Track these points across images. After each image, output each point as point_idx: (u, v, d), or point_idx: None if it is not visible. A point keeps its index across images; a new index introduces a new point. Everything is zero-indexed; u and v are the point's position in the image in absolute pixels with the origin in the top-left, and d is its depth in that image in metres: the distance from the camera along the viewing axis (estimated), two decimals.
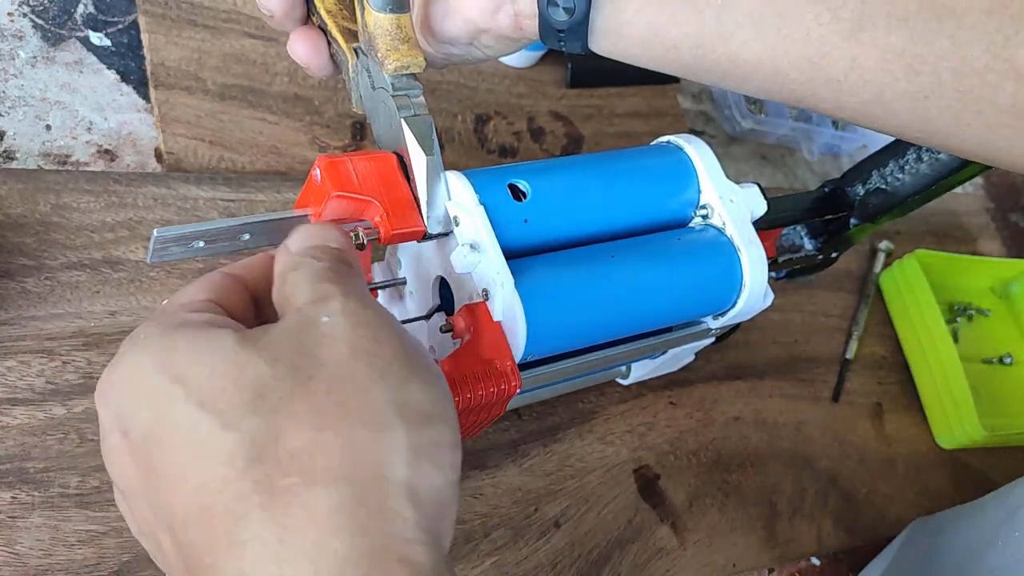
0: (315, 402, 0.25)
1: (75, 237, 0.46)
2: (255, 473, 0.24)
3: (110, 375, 0.27)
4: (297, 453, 0.24)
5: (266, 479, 0.23)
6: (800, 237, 0.56)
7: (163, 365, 0.26)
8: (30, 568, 0.38)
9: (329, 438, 0.24)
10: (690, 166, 0.45)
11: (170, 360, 0.26)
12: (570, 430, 0.54)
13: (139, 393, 0.26)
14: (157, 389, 0.25)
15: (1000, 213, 0.96)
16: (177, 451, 0.25)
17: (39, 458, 0.40)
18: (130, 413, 0.26)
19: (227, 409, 0.24)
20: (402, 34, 0.37)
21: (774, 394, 0.64)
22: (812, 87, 0.36)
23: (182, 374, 0.25)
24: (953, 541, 0.53)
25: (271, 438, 0.24)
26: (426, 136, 0.37)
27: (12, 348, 0.42)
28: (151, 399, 0.25)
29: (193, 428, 0.24)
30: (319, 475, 0.24)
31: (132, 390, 0.26)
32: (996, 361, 0.78)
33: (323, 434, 0.24)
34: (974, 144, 0.36)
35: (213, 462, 0.24)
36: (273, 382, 0.25)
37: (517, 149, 0.65)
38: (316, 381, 0.25)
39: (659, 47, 0.38)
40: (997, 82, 0.33)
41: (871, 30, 0.34)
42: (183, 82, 0.54)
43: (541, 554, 0.49)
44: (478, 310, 0.37)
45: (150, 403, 0.25)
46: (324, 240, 0.31)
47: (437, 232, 0.38)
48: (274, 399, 0.25)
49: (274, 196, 0.52)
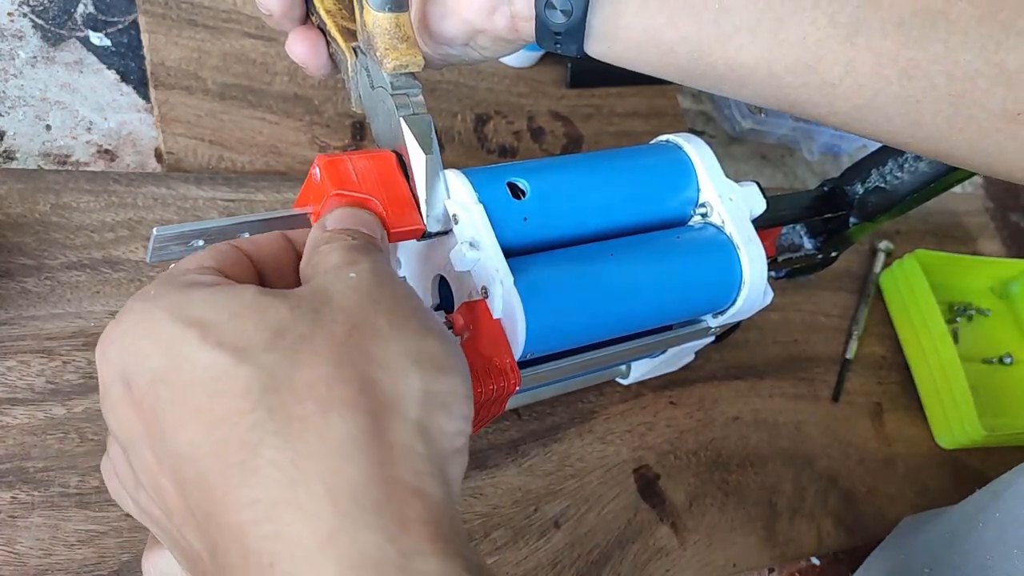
0: (334, 342, 0.25)
1: (75, 237, 0.46)
2: (270, 401, 0.24)
3: (114, 328, 0.27)
4: (314, 383, 0.24)
5: (281, 407, 0.24)
6: (800, 236, 0.56)
7: (178, 313, 0.26)
8: (30, 568, 0.38)
9: (347, 373, 0.25)
10: (689, 164, 0.45)
11: (186, 309, 0.26)
12: (570, 430, 0.54)
13: (149, 340, 0.26)
14: (171, 335, 0.25)
15: (1000, 213, 0.96)
16: (190, 391, 0.25)
17: (39, 458, 0.40)
18: (138, 362, 0.26)
19: (246, 347, 0.25)
20: (401, 33, 0.37)
21: (774, 394, 0.64)
22: (807, 91, 0.37)
23: (199, 319, 0.26)
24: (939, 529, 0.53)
25: (288, 370, 0.25)
26: (425, 135, 0.37)
27: (12, 348, 0.42)
28: (163, 345, 0.25)
29: (209, 367, 0.25)
30: (335, 404, 0.24)
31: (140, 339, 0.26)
32: (996, 361, 0.78)
33: (341, 369, 0.25)
34: (965, 150, 0.36)
35: (228, 397, 0.24)
36: (293, 323, 0.26)
37: (517, 149, 0.65)
38: (337, 324, 0.26)
39: (655, 51, 0.38)
40: (988, 87, 0.34)
41: (866, 34, 0.34)
42: (183, 82, 0.54)
43: (541, 554, 0.49)
44: (477, 308, 0.37)
45: (161, 349, 0.25)
46: (359, 224, 0.33)
47: (436, 230, 0.38)
48: (293, 336, 0.25)
49: (274, 196, 0.52)
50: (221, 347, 0.25)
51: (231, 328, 0.25)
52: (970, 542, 0.48)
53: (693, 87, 0.40)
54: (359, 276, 0.28)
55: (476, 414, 0.38)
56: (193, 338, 0.25)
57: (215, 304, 0.26)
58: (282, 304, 0.26)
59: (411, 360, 0.26)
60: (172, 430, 0.25)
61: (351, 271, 0.28)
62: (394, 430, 0.25)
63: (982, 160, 0.37)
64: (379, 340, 0.26)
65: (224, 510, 0.23)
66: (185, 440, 0.24)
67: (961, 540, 0.49)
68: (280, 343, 0.25)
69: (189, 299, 0.26)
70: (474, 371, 0.36)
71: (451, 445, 0.26)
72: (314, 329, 0.26)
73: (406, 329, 0.27)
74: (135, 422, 0.26)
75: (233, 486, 0.23)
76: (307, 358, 0.25)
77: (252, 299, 0.26)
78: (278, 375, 0.24)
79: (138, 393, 0.26)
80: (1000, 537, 0.46)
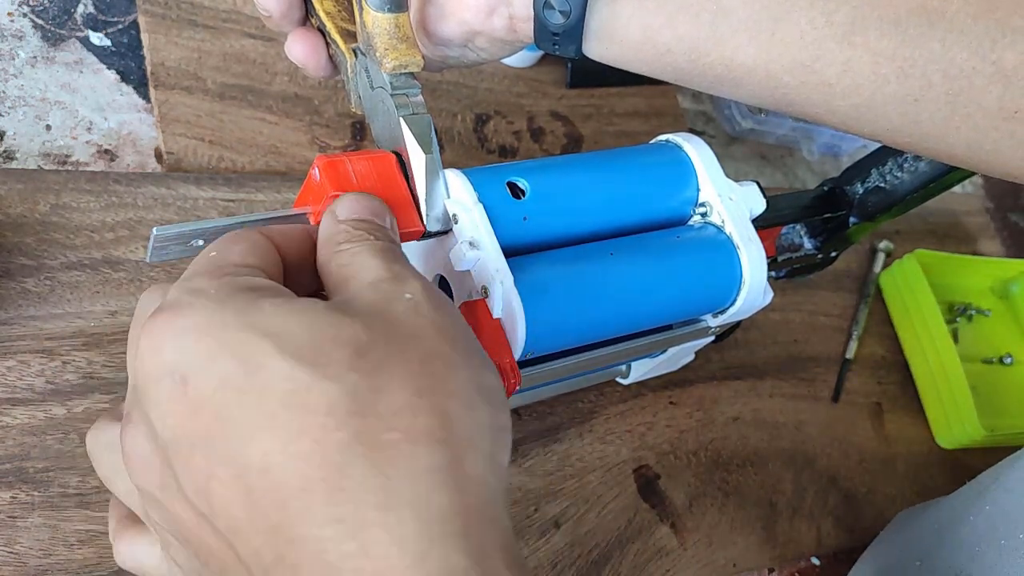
0: (411, 370, 0.26)
1: (75, 237, 0.46)
2: (357, 425, 0.24)
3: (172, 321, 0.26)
4: (399, 411, 0.25)
5: (368, 432, 0.24)
6: (799, 236, 0.56)
7: (249, 321, 0.25)
8: (30, 568, 0.38)
9: (427, 404, 0.25)
10: (689, 164, 0.45)
11: (257, 317, 0.26)
12: (570, 430, 0.54)
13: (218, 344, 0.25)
14: (244, 341, 0.25)
15: (1000, 213, 0.96)
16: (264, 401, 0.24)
17: (39, 458, 0.40)
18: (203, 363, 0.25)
19: (328, 363, 0.25)
20: (400, 33, 0.37)
21: (774, 394, 0.64)
22: (805, 91, 0.37)
23: (274, 331, 0.25)
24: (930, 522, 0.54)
25: (372, 394, 0.25)
26: (425, 135, 0.37)
27: (12, 348, 0.42)
28: (235, 351, 0.25)
29: (288, 379, 0.24)
30: (421, 435, 0.25)
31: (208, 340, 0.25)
32: (996, 361, 0.78)
33: (422, 399, 0.25)
34: (963, 148, 0.36)
35: (311, 412, 0.24)
36: (371, 345, 0.26)
37: (517, 149, 0.65)
38: (411, 351, 0.26)
39: (653, 51, 0.38)
40: (985, 85, 0.34)
41: (863, 33, 0.34)
42: (183, 82, 0.54)
43: (541, 554, 0.49)
44: (477, 307, 0.37)
45: (234, 354, 0.25)
46: (373, 215, 0.32)
47: (436, 230, 0.38)
48: (374, 359, 0.25)
49: (274, 196, 0.52)
50: (300, 360, 0.25)
51: (309, 344, 0.25)
52: (960, 534, 0.48)
53: (693, 88, 0.40)
54: (415, 299, 0.28)
55: None
56: (269, 348, 0.25)
57: (287, 317, 0.26)
58: (356, 323, 0.26)
59: (478, 392, 0.27)
60: (241, 438, 0.24)
61: (405, 292, 0.28)
62: (471, 463, 0.25)
63: (980, 158, 0.37)
64: (450, 370, 0.26)
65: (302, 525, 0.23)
66: (256, 450, 0.24)
67: (951, 532, 0.49)
68: (362, 365, 0.25)
69: (259, 308, 0.26)
70: None
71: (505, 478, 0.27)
72: (390, 354, 0.26)
73: (470, 359, 0.27)
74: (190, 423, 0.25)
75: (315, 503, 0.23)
76: (387, 383, 0.25)
77: (325, 314, 0.26)
78: (362, 398, 0.24)
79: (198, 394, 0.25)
80: (989, 528, 0.46)
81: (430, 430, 0.25)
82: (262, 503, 0.24)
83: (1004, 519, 0.46)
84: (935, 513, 0.54)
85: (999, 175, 0.38)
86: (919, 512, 0.58)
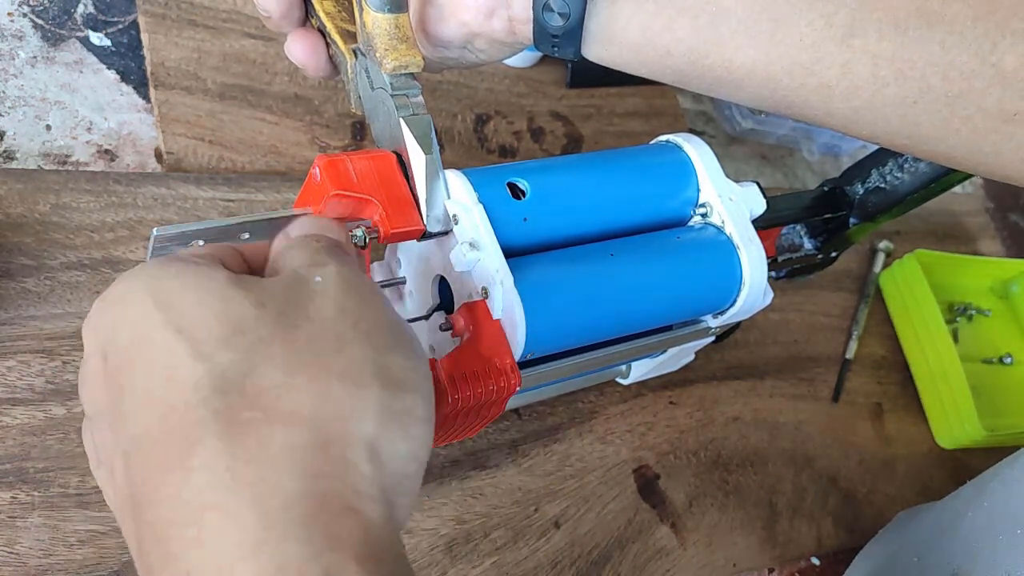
0: (294, 348, 0.25)
1: (75, 237, 0.46)
2: (217, 403, 0.24)
3: (100, 301, 0.27)
4: (265, 391, 0.24)
5: (228, 410, 0.24)
6: (800, 237, 0.56)
7: (151, 290, 0.26)
8: (30, 568, 0.38)
9: (301, 383, 0.25)
10: (689, 165, 0.45)
11: (158, 286, 0.26)
12: (570, 430, 0.54)
13: (124, 316, 0.26)
14: (141, 313, 0.25)
15: (1000, 213, 0.96)
16: (149, 374, 0.25)
17: (39, 458, 0.40)
18: (113, 336, 0.26)
19: (204, 339, 0.25)
20: (400, 34, 0.37)
21: (774, 394, 0.64)
22: (804, 93, 0.37)
23: (167, 301, 0.25)
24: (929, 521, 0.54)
25: (241, 374, 0.24)
26: (425, 135, 0.37)
27: (12, 348, 0.42)
28: (134, 322, 0.25)
29: (168, 353, 0.24)
30: (283, 415, 0.24)
31: (118, 314, 0.26)
32: (996, 361, 0.78)
33: (295, 378, 0.25)
34: (962, 150, 0.36)
35: (180, 388, 0.24)
36: (255, 323, 0.25)
37: (517, 149, 0.65)
38: (299, 330, 0.26)
39: (652, 53, 0.38)
40: (984, 87, 0.34)
41: (863, 36, 0.34)
42: (183, 82, 0.54)
43: (541, 554, 0.49)
44: (477, 308, 0.37)
45: (132, 326, 0.25)
46: (323, 230, 0.32)
47: (436, 231, 0.38)
48: (253, 338, 0.25)
49: (274, 196, 0.52)
50: (180, 334, 0.25)
51: (192, 316, 0.25)
52: (958, 531, 0.49)
53: (692, 90, 0.40)
54: (324, 280, 0.28)
55: (477, 414, 0.38)
56: (158, 320, 0.25)
57: (184, 286, 0.26)
58: (247, 299, 0.26)
59: (371, 372, 0.26)
60: (131, 410, 0.25)
61: (316, 274, 0.28)
62: (341, 446, 0.24)
63: (979, 160, 0.37)
64: (340, 348, 0.26)
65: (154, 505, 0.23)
66: (140, 423, 0.24)
67: (949, 529, 0.50)
68: (238, 342, 0.25)
69: (165, 274, 0.26)
70: (474, 372, 0.36)
71: (402, 469, 0.25)
72: (274, 332, 0.25)
73: (371, 339, 0.26)
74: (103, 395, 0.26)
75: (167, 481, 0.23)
76: (262, 362, 0.24)
77: (220, 288, 0.26)
78: (230, 376, 0.24)
79: (110, 367, 0.26)
80: (987, 525, 0.47)
81: (295, 410, 0.24)
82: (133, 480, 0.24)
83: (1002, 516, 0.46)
84: (934, 512, 0.54)
85: (999, 178, 0.38)
86: (918, 512, 0.58)
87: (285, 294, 0.27)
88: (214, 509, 0.22)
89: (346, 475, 0.24)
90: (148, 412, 0.24)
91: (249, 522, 0.22)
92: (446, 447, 0.50)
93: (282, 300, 0.26)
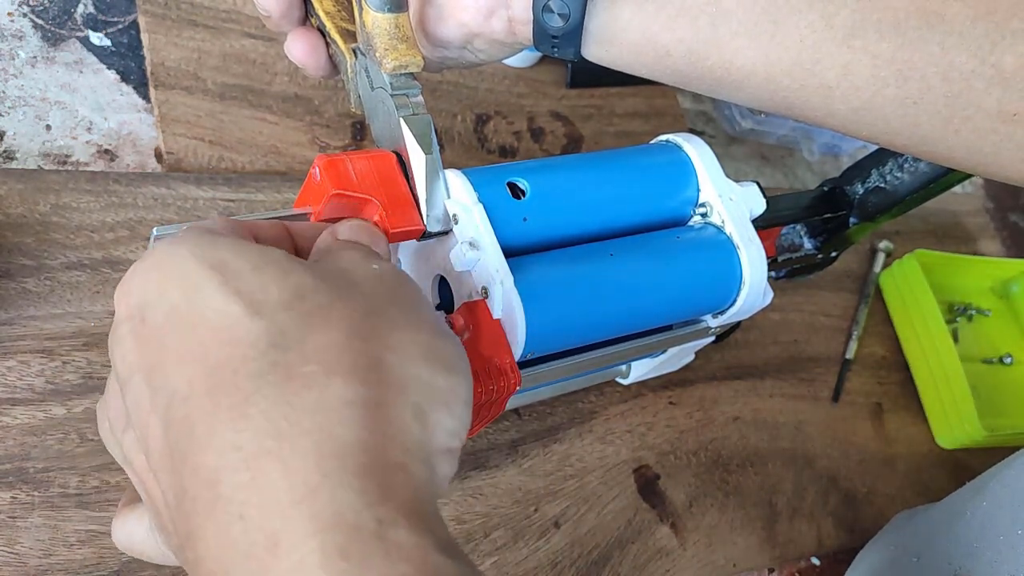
0: (352, 318, 0.26)
1: (75, 237, 0.46)
2: (275, 356, 0.24)
3: (138, 265, 0.27)
4: (324, 347, 0.25)
5: (286, 363, 0.24)
6: (800, 236, 0.56)
7: (203, 256, 0.26)
8: (30, 568, 0.38)
9: (358, 345, 0.25)
10: (689, 164, 0.45)
11: (211, 251, 0.26)
12: (570, 430, 0.54)
13: (170, 278, 0.26)
14: (193, 273, 0.25)
15: (1000, 213, 0.96)
16: (199, 331, 0.25)
17: (39, 458, 0.40)
18: (156, 297, 0.26)
19: (263, 301, 0.25)
20: (400, 33, 0.37)
21: (774, 394, 0.64)
22: (804, 94, 0.37)
23: (223, 263, 0.26)
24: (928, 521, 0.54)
25: (301, 332, 0.25)
26: (425, 135, 0.37)
27: (12, 348, 0.42)
28: (183, 282, 0.25)
29: (222, 313, 0.25)
30: (341, 368, 0.24)
31: (162, 275, 0.26)
32: (996, 361, 0.78)
33: (352, 340, 0.25)
34: (962, 151, 0.36)
35: (236, 344, 0.24)
36: (315, 291, 0.26)
37: (517, 149, 0.65)
38: (356, 303, 0.26)
39: (652, 54, 0.38)
40: (984, 87, 0.34)
41: (863, 37, 0.34)
42: (183, 82, 0.54)
43: (541, 554, 0.49)
44: (477, 308, 0.37)
45: (181, 286, 0.25)
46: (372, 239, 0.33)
47: (436, 230, 0.38)
48: (312, 304, 0.25)
49: (274, 196, 0.52)
50: (239, 295, 0.25)
51: (252, 280, 0.25)
52: (958, 530, 0.49)
53: (692, 90, 0.40)
54: (382, 270, 0.29)
55: (476, 414, 0.38)
56: (214, 281, 0.25)
57: (240, 254, 0.26)
58: (305, 271, 0.26)
59: (421, 352, 0.27)
60: (173, 366, 0.25)
61: (374, 264, 0.29)
62: (394, 407, 0.25)
63: (979, 161, 0.37)
64: (393, 327, 0.27)
65: (203, 452, 0.23)
66: (183, 377, 0.24)
67: (949, 529, 0.50)
68: (298, 306, 0.25)
69: (216, 243, 0.26)
70: (474, 371, 0.36)
71: (444, 443, 0.26)
72: (333, 301, 0.26)
73: (421, 325, 0.28)
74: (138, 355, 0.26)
75: (219, 429, 0.23)
76: (322, 324, 0.25)
77: (278, 258, 0.26)
78: (289, 334, 0.24)
79: (149, 327, 0.25)
80: (987, 524, 0.47)
81: (352, 366, 0.24)
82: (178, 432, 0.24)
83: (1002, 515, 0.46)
84: (933, 512, 0.54)
85: (999, 178, 0.38)
86: (917, 513, 0.58)
87: (343, 274, 0.28)
88: (269, 455, 0.22)
89: (399, 435, 0.24)
90: (195, 366, 0.24)
91: (306, 468, 0.22)
92: None
93: (340, 277, 0.28)
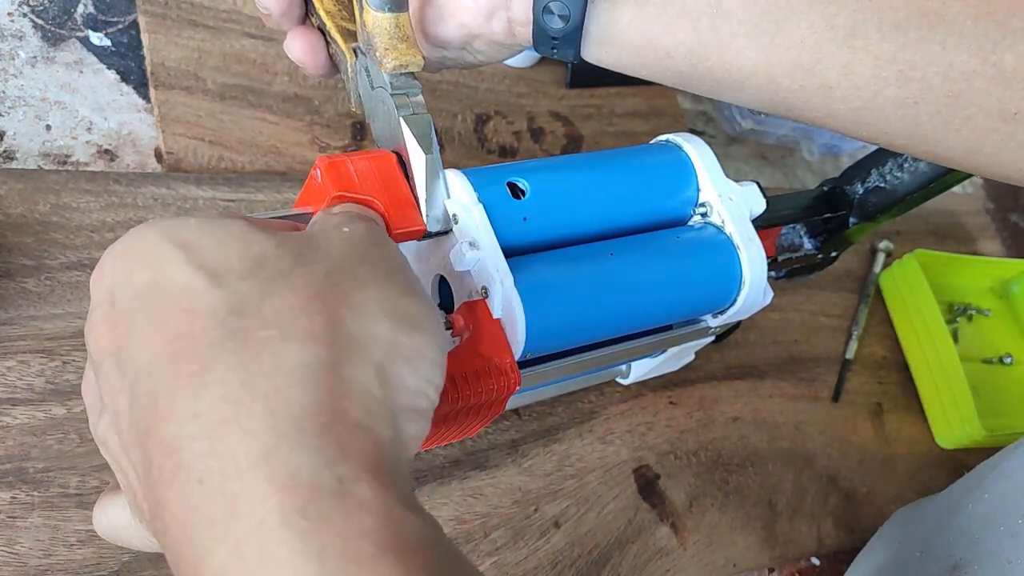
0: (312, 280, 0.26)
1: (75, 237, 0.46)
2: (234, 323, 0.24)
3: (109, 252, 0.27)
4: (281, 311, 0.25)
5: (243, 330, 0.24)
6: (799, 236, 0.56)
7: (169, 235, 0.26)
8: (30, 568, 0.38)
9: (316, 306, 0.25)
10: (689, 164, 0.45)
11: (175, 232, 0.26)
12: (570, 430, 0.54)
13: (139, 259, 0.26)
14: (158, 252, 0.26)
15: (1000, 213, 0.96)
16: (163, 307, 0.25)
17: (39, 458, 0.40)
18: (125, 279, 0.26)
19: (224, 272, 0.25)
20: (400, 33, 0.37)
21: (774, 394, 0.64)
22: (805, 94, 0.37)
23: (187, 240, 0.26)
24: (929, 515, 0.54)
25: (258, 298, 0.25)
26: (425, 135, 0.37)
27: (12, 348, 0.42)
28: (149, 262, 0.26)
29: (186, 286, 0.25)
30: (298, 332, 0.24)
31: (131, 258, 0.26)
32: (996, 361, 0.78)
33: (311, 302, 0.25)
34: (962, 150, 0.36)
35: (197, 316, 0.24)
36: (276, 259, 0.26)
37: (517, 149, 0.65)
38: (318, 264, 0.27)
39: (653, 55, 0.38)
40: (985, 87, 0.34)
41: (864, 37, 0.34)
42: (183, 82, 0.54)
43: (541, 554, 0.49)
44: (477, 308, 0.37)
45: (147, 266, 0.26)
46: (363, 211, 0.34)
47: (436, 230, 0.38)
48: (272, 271, 0.26)
49: (274, 196, 0.52)
50: (201, 269, 0.25)
51: (214, 252, 0.26)
52: (959, 523, 0.48)
53: (693, 92, 0.40)
54: (352, 231, 0.29)
55: (476, 414, 0.38)
56: (178, 258, 0.25)
57: (204, 229, 0.26)
58: (268, 240, 0.27)
59: (384, 310, 0.27)
60: (139, 343, 0.25)
61: (345, 227, 0.29)
62: (352, 367, 0.25)
63: (980, 161, 0.37)
64: (356, 285, 0.27)
65: (164, 423, 0.23)
66: (148, 353, 0.24)
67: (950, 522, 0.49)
68: (258, 273, 0.25)
69: (183, 223, 0.27)
70: (474, 371, 0.36)
71: (409, 401, 0.26)
72: (294, 267, 0.26)
73: (386, 283, 0.28)
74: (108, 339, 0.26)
75: (178, 398, 0.23)
76: (280, 289, 0.25)
77: (240, 230, 0.27)
78: (248, 301, 0.25)
79: (119, 310, 0.26)
80: (988, 515, 0.47)
81: (309, 329, 0.25)
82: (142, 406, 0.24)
83: (1002, 506, 0.46)
84: (933, 505, 0.54)
85: (1000, 178, 0.38)
86: (917, 507, 0.58)
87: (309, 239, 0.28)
88: (227, 421, 0.23)
89: (358, 395, 0.24)
90: (157, 340, 0.24)
91: (262, 432, 0.22)
92: (446, 447, 0.50)
93: (306, 242, 0.28)
